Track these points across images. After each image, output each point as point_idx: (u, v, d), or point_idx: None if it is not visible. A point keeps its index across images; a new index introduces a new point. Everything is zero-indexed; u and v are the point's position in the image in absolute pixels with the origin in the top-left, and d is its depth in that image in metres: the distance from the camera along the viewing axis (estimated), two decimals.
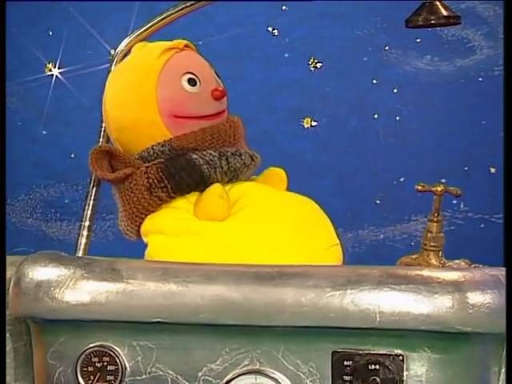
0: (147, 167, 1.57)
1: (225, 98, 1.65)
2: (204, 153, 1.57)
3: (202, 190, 1.56)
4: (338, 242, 1.61)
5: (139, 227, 1.59)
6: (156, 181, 1.56)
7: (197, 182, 1.56)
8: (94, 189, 1.61)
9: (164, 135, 1.60)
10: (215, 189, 1.54)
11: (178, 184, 1.56)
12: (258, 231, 1.52)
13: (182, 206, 1.56)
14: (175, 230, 1.54)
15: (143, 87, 1.60)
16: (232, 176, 1.59)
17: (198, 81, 1.62)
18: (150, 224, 1.58)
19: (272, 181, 1.65)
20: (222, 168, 1.57)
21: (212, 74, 1.66)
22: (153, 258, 1.56)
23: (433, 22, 1.49)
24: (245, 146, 1.66)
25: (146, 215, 1.58)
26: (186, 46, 1.67)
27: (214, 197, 1.53)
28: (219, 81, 1.67)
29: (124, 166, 1.59)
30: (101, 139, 1.64)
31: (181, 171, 1.56)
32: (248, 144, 1.68)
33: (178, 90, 1.61)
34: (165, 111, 1.60)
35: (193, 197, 1.57)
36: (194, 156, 1.56)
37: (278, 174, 1.68)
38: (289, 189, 1.69)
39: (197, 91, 1.62)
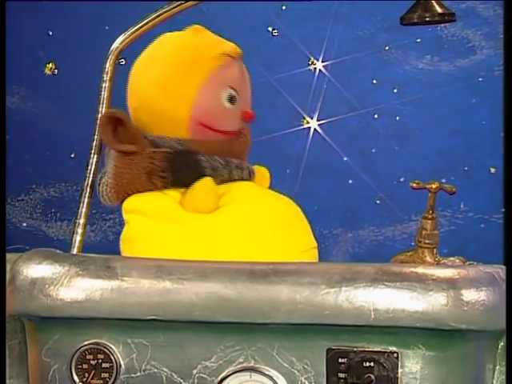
0: (154, 152, 1.57)
1: None
2: (212, 158, 1.57)
3: None
4: (315, 245, 1.61)
5: (122, 200, 1.58)
6: (158, 168, 1.56)
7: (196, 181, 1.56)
8: (89, 186, 1.61)
9: (183, 134, 1.59)
10: (205, 182, 1.54)
11: (178, 179, 1.56)
12: (238, 228, 1.53)
13: (172, 194, 1.56)
14: (159, 214, 1.54)
15: (187, 85, 1.59)
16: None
17: (237, 98, 1.62)
18: (134, 202, 1.57)
19: (256, 179, 1.65)
20: (222, 176, 1.58)
21: (249, 93, 1.67)
22: (129, 238, 1.56)
23: (428, 19, 1.49)
24: (246, 159, 1.67)
25: (134, 193, 1.57)
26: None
27: (203, 189, 1.54)
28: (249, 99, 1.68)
29: (129, 138, 1.57)
30: (95, 136, 1.63)
31: (185, 168, 1.56)
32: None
33: (217, 104, 1.61)
34: (195, 117, 1.59)
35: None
36: (203, 158, 1.57)
37: (261, 172, 1.68)
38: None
39: (232, 108, 1.62)
